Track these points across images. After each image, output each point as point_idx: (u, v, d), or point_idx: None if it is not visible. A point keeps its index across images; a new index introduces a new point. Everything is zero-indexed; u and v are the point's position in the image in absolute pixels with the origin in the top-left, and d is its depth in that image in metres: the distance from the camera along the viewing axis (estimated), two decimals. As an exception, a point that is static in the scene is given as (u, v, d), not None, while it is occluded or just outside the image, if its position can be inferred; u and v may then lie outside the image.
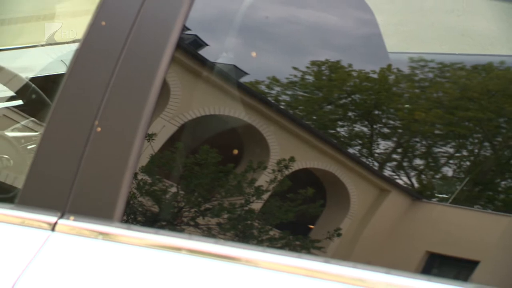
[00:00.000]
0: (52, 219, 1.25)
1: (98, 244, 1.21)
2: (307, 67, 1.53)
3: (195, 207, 1.51)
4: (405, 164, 1.48)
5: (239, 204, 1.52)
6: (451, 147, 1.45)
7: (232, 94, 1.59)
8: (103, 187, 1.26)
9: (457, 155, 1.46)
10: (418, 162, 1.47)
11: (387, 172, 1.51)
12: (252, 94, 1.58)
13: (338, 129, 1.58)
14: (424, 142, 1.49)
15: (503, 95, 1.48)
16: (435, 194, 1.49)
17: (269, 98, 1.57)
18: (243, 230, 1.53)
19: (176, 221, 1.52)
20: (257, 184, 1.50)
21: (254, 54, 1.62)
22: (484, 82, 1.48)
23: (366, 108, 1.53)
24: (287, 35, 1.61)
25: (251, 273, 1.11)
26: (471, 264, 1.36)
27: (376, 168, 1.52)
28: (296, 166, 1.51)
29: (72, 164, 1.27)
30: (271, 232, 1.51)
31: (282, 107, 1.59)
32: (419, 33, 1.54)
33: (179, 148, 1.60)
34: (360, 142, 1.51)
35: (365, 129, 1.52)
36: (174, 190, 1.55)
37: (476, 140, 1.47)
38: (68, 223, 1.24)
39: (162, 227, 1.51)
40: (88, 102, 1.30)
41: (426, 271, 1.38)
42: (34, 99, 2.14)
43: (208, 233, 1.48)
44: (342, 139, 1.55)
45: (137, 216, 1.48)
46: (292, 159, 1.50)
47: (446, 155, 1.45)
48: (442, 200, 1.47)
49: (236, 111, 1.60)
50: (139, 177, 1.43)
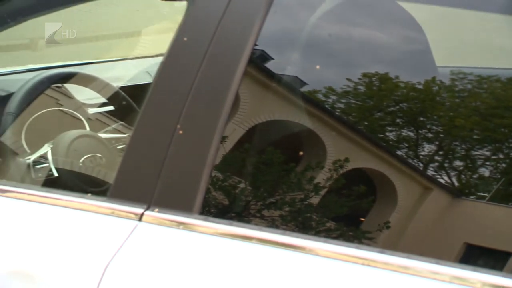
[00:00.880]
0: (139, 210, 1.29)
1: (179, 233, 1.25)
2: (359, 78, 1.55)
3: (261, 201, 1.55)
4: (446, 165, 1.49)
5: (299, 199, 1.57)
6: (487, 151, 1.45)
7: (294, 102, 1.63)
8: (184, 183, 1.30)
9: (493, 157, 1.46)
10: (458, 163, 1.48)
11: (430, 172, 1.51)
12: (312, 102, 1.61)
13: (387, 133, 1.59)
14: (463, 146, 1.50)
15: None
16: (474, 192, 1.50)
17: (326, 106, 1.59)
18: (302, 222, 1.56)
19: (244, 213, 1.56)
20: (315, 181, 1.54)
21: (318, 67, 1.64)
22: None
23: (412, 115, 1.54)
24: (344, 51, 1.63)
25: (313, 261, 1.14)
26: (505, 255, 1.38)
27: (420, 168, 1.53)
28: (349, 166, 1.53)
29: (157, 162, 1.31)
30: (328, 224, 1.54)
31: (337, 113, 1.60)
32: (460, 48, 1.53)
33: (248, 149, 1.63)
34: (406, 145, 1.52)
35: (411, 133, 1.53)
36: (242, 186, 1.60)
37: (511, 145, 1.48)
38: (153, 214, 1.28)
39: (231, 218, 1.54)
40: (172, 108, 1.34)
41: (464, 260, 1.41)
42: (123, 105, 2.21)
43: (272, 224, 1.51)
44: (391, 142, 1.57)
45: (211, 208, 1.52)
46: (346, 160, 1.53)
47: (483, 157, 1.45)
48: (480, 198, 1.48)
49: (297, 117, 1.64)
50: (213, 174, 1.44)
